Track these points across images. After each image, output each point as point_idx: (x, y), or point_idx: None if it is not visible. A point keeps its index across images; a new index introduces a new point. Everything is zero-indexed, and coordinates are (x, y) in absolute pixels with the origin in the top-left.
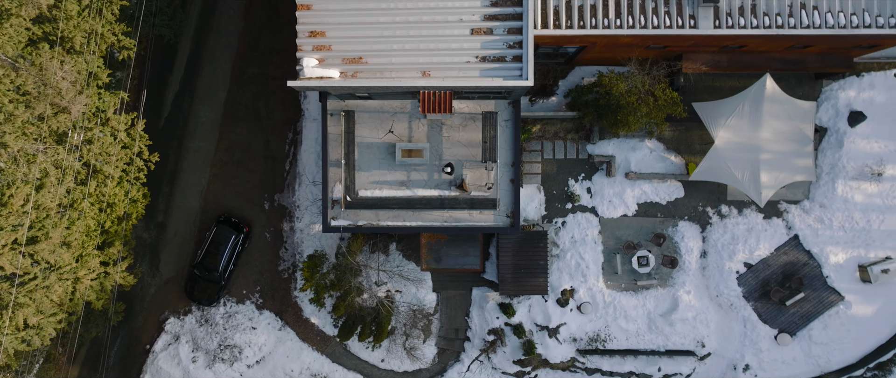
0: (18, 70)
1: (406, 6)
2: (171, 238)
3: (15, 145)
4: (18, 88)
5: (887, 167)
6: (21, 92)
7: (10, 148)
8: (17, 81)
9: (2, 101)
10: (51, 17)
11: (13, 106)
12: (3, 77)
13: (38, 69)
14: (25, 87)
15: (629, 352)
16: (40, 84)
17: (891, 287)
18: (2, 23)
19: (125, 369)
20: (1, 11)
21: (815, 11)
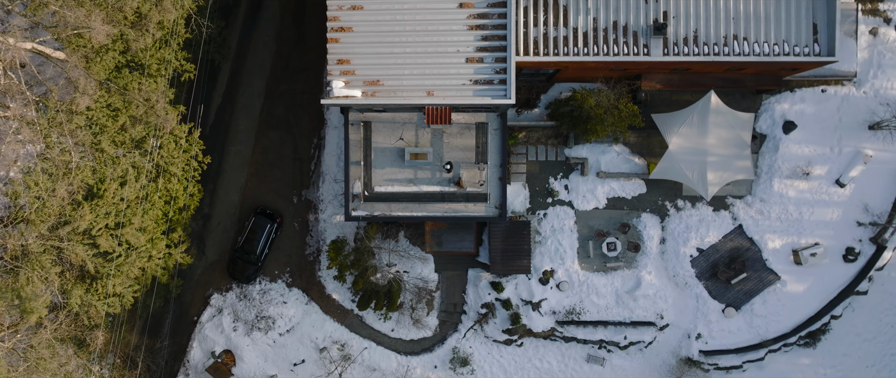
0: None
1: (414, 40)
2: (215, 227)
3: (109, 150)
4: (109, 105)
5: (815, 168)
6: (112, 109)
7: (106, 152)
8: (108, 100)
9: (98, 116)
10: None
11: (106, 119)
12: (100, 98)
13: (122, 90)
14: (115, 105)
15: (600, 323)
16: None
17: (818, 268)
18: (102, 55)
19: (177, 337)
20: (100, 47)
21: (744, 42)
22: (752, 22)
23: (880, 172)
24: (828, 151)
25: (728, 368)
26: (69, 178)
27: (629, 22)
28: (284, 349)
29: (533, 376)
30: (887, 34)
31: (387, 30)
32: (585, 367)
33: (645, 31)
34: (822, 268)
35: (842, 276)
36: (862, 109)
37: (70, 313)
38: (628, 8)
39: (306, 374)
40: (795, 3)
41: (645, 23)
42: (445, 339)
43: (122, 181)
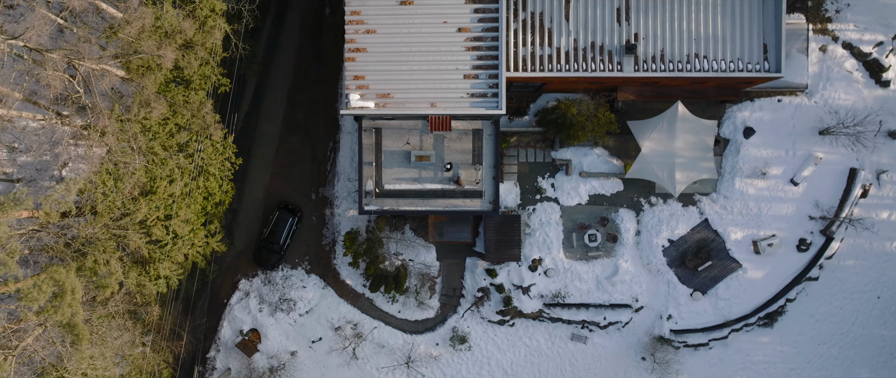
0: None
1: (420, 59)
2: (242, 220)
3: (160, 153)
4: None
5: (771, 168)
6: (162, 117)
7: (159, 155)
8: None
9: (151, 124)
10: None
11: (157, 127)
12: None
13: (169, 103)
14: (165, 114)
15: (582, 305)
16: (172, 112)
17: (775, 257)
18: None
19: (209, 318)
20: (152, 66)
21: (704, 59)
22: (711, 42)
23: (829, 172)
24: (783, 154)
25: (696, 346)
26: (130, 178)
27: (605, 42)
28: (304, 328)
29: (523, 353)
30: (835, 51)
31: (396, 51)
32: (570, 344)
33: (618, 51)
34: (779, 257)
35: (796, 264)
36: (813, 117)
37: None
38: (604, 30)
39: (323, 350)
40: (748, 26)
41: (618, 43)
42: (446, 320)
43: (169, 179)
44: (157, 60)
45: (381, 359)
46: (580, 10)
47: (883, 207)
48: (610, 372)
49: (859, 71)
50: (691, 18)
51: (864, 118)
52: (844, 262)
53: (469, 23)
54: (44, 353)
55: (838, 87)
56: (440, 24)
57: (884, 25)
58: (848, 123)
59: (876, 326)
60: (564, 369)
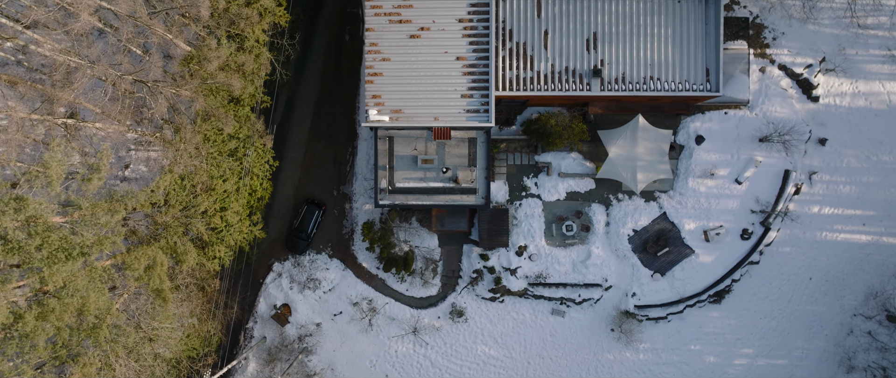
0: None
1: (425, 82)
2: (276, 213)
3: (217, 157)
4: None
5: (719, 170)
6: (219, 129)
7: (216, 159)
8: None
9: (210, 133)
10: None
11: (215, 135)
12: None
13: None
14: (220, 126)
15: (560, 284)
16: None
17: (722, 244)
18: (215, 95)
19: (247, 294)
20: (218, 90)
21: (658, 81)
22: (663, 67)
23: (767, 173)
24: (729, 158)
25: (656, 319)
26: (194, 177)
27: (576, 67)
28: (327, 303)
29: (511, 325)
30: (772, 72)
31: (406, 75)
32: (550, 318)
33: (587, 74)
34: (725, 244)
35: (740, 250)
36: (754, 127)
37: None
38: (575, 57)
39: (343, 321)
40: (693, 54)
41: (587, 68)
42: (446, 297)
43: (223, 178)
44: (224, 87)
45: (392, 329)
46: (556, 40)
47: (814, 203)
48: (584, 341)
49: (793, 88)
50: (647, 47)
51: (791, 128)
52: (781, 249)
53: (465, 53)
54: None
55: (775, 101)
56: (442, 54)
57: (813, 50)
58: (782, 132)
59: (808, 303)
60: (546, 339)
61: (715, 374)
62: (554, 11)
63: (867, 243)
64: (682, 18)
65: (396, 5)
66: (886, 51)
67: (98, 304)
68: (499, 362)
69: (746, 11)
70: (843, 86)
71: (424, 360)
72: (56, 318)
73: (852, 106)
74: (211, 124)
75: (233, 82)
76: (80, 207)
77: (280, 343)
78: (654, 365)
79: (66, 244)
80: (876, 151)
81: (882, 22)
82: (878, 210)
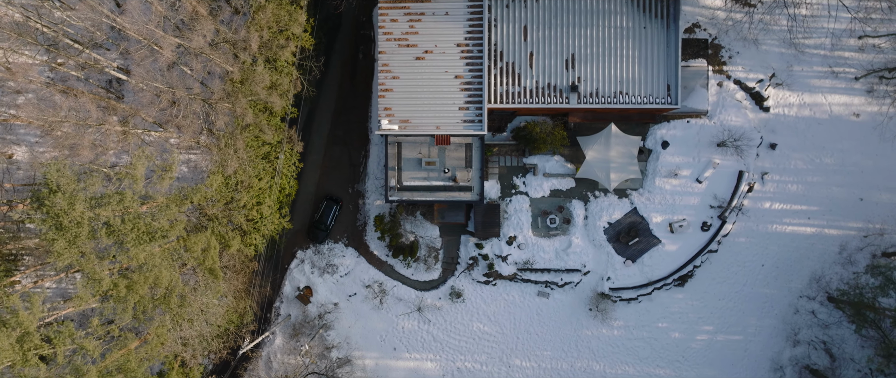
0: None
1: (429, 96)
2: (299, 207)
3: (254, 159)
4: (257, 137)
5: (682, 171)
6: (254, 136)
7: (253, 162)
8: (254, 132)
9: (248, 140)
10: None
11: (248, 138)
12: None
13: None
14: (256, 134)
15: (545, 269)
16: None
17: (685, 235)
18: (253, 107)
19: (275, 277)
20: (257, 104)
21: (626, 95)
22: (631, 83)
23: (723, 173)
24: (690, 160)
25: (628, 300)
26: (235, 176)
27: (557, 83)
28: (343, 286)
29: (502, 305)
30: (728, 86)
31: (413, 90)
32: (537, 299)
33: (566, 89)
34: (688, 234)
35: (700, 240)
36: (712, 134)
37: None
38: (556, 74)
39: (358, 301)
40: (656, 72)
41: (566, 84)
42: (446, 280)
43: (259, 178)
44: (267, 103)
45: (399, 308)
46: (539, 61)
47: (765, 199)
48: (566, 319)
49: (747, 100)
50: (617, 67)
51: (743, 135)
52: (737, 240)
53: (462, 72)
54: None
55: (731, 112)
56: (443, 73)
57: (764, 67)
58: (736, 138)
59: (760, 287)
60: (533, 317)
61: (680, 348)
62: (538, 36)
63: (811, 235)
64: (647, 42)
65: (404, 32)
66: (827, 68)
67: (169, 278)
68: (492, 337)
69: (706, 33)
70: (790, 98)
71: (427, 335)
72: (138, 287)
73: (799, 115)
74: (249, 132)
75: (274, 100)
76: (156, 200)
77: (303, 320)
78: (626, 340)
79: (148, 229)
80: (819, 155)
81: (824, 43)
82: (821, 206)
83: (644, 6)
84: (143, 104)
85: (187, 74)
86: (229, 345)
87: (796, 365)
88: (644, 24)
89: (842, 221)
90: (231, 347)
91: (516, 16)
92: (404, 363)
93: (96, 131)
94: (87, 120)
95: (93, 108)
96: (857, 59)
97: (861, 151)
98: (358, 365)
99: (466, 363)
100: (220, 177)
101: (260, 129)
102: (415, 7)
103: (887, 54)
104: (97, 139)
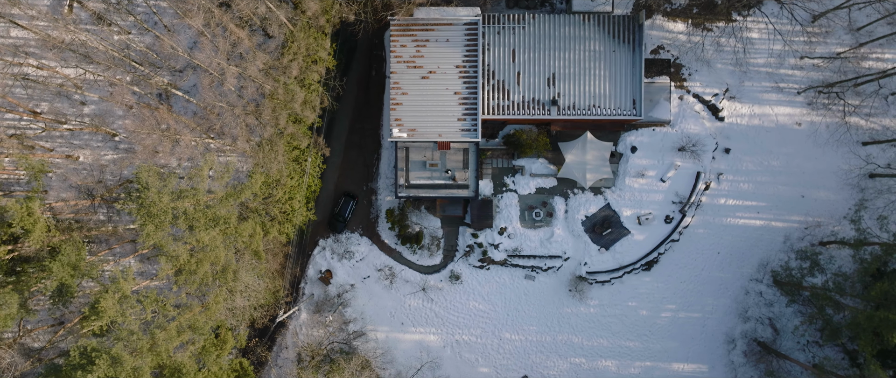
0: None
1: (433, 109)
2: (321, 202)
3: (288, 162)
4: (290, 143)
5: (648, 171)
6: (287, 142)
7: (289, 167)
8: (288, 139)
9: (286, 148)
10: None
11: (284, 145)
12: (281, 138)
13: (301, 135)
14: (291, 141)
15: (531, 256)
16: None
17: (651, 226)
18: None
19: (301, 262)
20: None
21: (598, 108)
22: (602, 98)
23: (684, 174)
24: (656, 162)
25: (602, 282)
26: (273, 175)
27: (540, 97)
28: (358, 269)
29: (495, 286)
30: (688, 99)
31: (419, 104)
32: (524, 281)
33: (547, 103)
34: (653, 226)
35: (664, 231)
36: (674, 140)
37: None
38: (539, 90)
39: (371, 282)
40: (623, 89)
41: (548, 98)
42: (447, 265)
43: (290, 177)
44: (299, 116)
45: (406, 288)
46: (525, 79)
47: (720, 196)
48: (549, 299)
49: (704, 111)
50: (590, 84)
51: (699, 141)
52: (696, 231)
53: (461, 89)
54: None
55: (690, 121)
56: (444, 90)
57: (719, 83)
58: (694, 144)
59: (716, 271)
60: (520, 297)
61: (647, 323)
62: (524, 58)
63: (760, 227)
64: (616, 63)
65: (412, 55)
66: (773, 83)
67: (225, 257)
68: (486, 314)
69: (669, 54)
70: (742, 109)
71: (430, 312)
72: (203, 264)
73: (749, 124)
74: (285, 140)
75: (306, 113)
76: (216, 194)
77: (324, 298)
78: (601, 317)
79: (213, 217)
80: (767, 158)
81: (770, 62)
82: (769, 202)
83: (613, 33)
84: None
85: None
86: (269, 314)
87: (746, 337)
88: (613, 48)
89: (786, 215)
90: (270, 316)
91: (505, 41)
92: (411, 336)
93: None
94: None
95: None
96: (798, 76)
97: (802, 155)
98: (371, 337)
99: (464, 336)
100: (261, 176)
101: (294, 137)
102: (421, 35)
103: (823, 72)
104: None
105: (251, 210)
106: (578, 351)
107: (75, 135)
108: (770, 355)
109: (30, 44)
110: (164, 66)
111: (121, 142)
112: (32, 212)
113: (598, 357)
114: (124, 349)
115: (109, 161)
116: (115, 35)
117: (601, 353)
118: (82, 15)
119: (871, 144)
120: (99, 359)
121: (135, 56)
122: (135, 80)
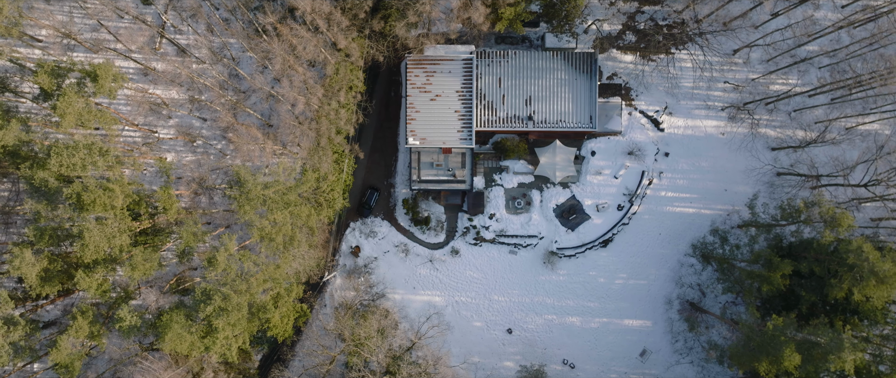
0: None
1: (439, 124)
2: (353, 193)
3: (331, 164)
4: (334, 149)
5: (604, 170)
6: (332, 147)
7: (332, 167)
8: (333, 146)
9: (331, 152)
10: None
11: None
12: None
13: (343, 142)
14: (335, 147)
15: (514, 236)
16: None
17: (607, 213)
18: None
19: (337, 239)
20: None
21: (564, 122)
22: (567, 115)
23: (632, 172)
24: (610, 163)
25: (570, 256)
26: (319, 172)
27: (519, 114)
28: (380, 246)
29: (486, 259)
30: (636, 114)
31: (428, 119)
32: (508, 255)
33: (525, 118)
34: (609, 213)
35: (617, 216)
36: (624, 146)
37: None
38: (519, 109)
39: (390, 256)
40: (583, 107)
41: (525, 115)
42: (448, 242)
43: (332, 173)
44: (343, 129)
45: (417, 260)
46: (509, 100)
47: (661, 190)
48: (528, 269)
49: (648, 124)
50: (558, 103)
51: (643, 147)
52: (642, 217)
53: (460, 108)
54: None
55: (637, 131)
56: (447, 108)
57: (660, 102)
58: (640, 149)
59: (658, 248)
60: (506, 268)
61: (604, 288)
62: (508, 84)
63: (692, 213)
64: (578, 88)
65: (423, 83)
66: (703, 102)
67: (291, 231)
68: (479, 281)
69: (621, 79)
70: (678, 122)
71: (436, 279)
72: (279, 233)
73: (684, 134)
74: (332, 146)
75: (348, 127)
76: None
77: (354, 268)
78: (568, 283)
79: (284, 200)
80: (698, 160)
81: (701, 85)
82: (699, 195)
83: (575, 65)
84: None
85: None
86: (316, 275)
87: (680, 299)
88: (575, 76)
89: (712, 204)
90: (319, 275)
91: (494, 71)
92: (421, 297)
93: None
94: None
95: (258, 134)
96: (722, 97)
97: (725, 158)
98: (390, 297)
99: (462, 298)
100: (315, 173)
101: (335, 144)
102: (430, 67)
103: (742, 94)
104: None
105: (305, 198)
106: (551, 309)
107: (163, 141)
108: (697, 312)
109: (129, 71)
110: (229, 88)
111: (197, 146)
112: (170, 195)
113: (566, 314)
114: (230, 289)
115: (191, 162)
116: (193, 64)
117: (568, 312)
118: (169, 49)
119: (777, 149)
120: (215, 294)
121: (221, 83)
122: (229, 105)
